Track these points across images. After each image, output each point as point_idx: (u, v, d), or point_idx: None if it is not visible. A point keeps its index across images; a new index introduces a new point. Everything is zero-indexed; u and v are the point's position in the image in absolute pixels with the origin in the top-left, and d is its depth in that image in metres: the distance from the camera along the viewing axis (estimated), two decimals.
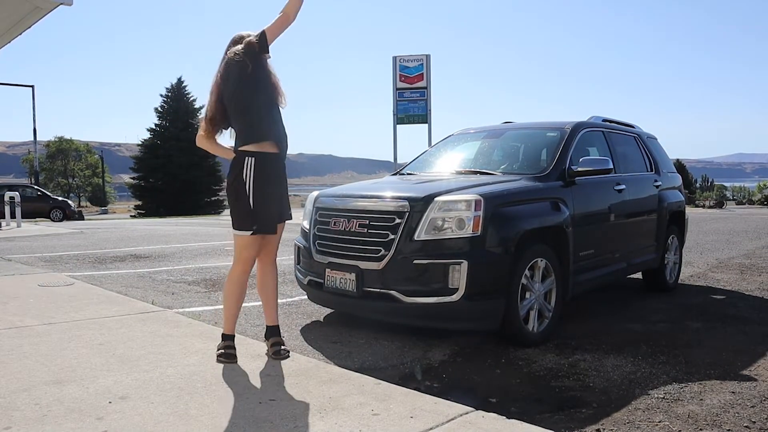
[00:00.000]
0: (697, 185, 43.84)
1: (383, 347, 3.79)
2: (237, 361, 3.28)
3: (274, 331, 3.48)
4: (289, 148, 3.57)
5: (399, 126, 20.35)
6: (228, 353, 3.31)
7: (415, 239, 3.70)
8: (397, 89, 20.24)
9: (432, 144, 6.25)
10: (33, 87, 38.07)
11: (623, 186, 5.11)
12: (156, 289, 5.69)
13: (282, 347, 3.42)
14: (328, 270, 4.01)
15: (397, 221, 3.76)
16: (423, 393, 2.86)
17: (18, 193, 15.62)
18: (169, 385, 2.88)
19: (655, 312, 4.90)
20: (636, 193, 5.39)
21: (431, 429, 2.41)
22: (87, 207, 44.08)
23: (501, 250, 3.69)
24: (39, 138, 39.85)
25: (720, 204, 27.78)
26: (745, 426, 2.65)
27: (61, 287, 5.56)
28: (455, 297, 3.56)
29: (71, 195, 51.06)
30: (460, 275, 3.55)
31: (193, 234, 12.83)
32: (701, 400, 2.96)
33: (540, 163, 4.72)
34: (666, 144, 6.79)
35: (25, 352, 3.43)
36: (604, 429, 2.62)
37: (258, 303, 4.90)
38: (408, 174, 5.19)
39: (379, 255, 3.75)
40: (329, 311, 4.71)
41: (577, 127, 4.93)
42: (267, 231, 3.29)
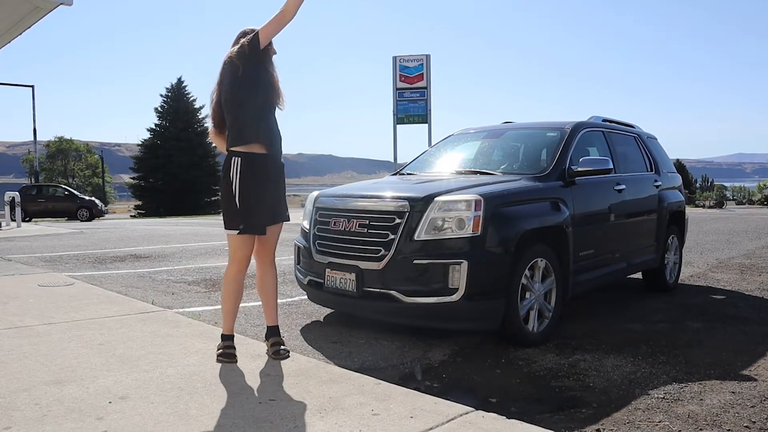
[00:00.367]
0: (697, 185, 43.83)
1: (383, 347, 3.79)
2: (237, 361, 3.27)
3: (273, 332, 3.48)
4: (289, 148, 3.59)
5: (399, 126, 20.36)
6: (227, 353, 3.31)
7: (415, 239, 3.70)
8: (397, 89, 20.25)
9: (432, 144, 6.25)
10: (33, 87, 38.06)
11: (623, 186, 5.11)
12: (156, 289, 5.69)
13: (282, 347, 3.42)
14: (328, 270, 4.01)
15: (397, 221, 3.76)
16: (423, 393, 2.86)
17: (18, 194, 15.63)
18: (169, 385, 2.88)
19: (655, 312, 4.90)
20: (636, 193, 5.39)
21: (431, 429, 2.41)
22: None
23: (501, 250, 3.69)
24: (39, 138, 39.82)
25: (720, 204, 27.78)
26: (745, 426, 2.65)
27: (61, 287, 5.56)
28: (455, 297, 3.56)
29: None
30: (460, 275, 3.55)
31: (193, 234, 12.83)
32: (701, 400, 2.96)
33: (540, 163, 4.72)
34: (666, 144, 6.79)
35: (25, 352, 3.43)
36: (604, 429, 2.62)
37: (258, 303, 4.90)
38: (408, 174, 5.19)
39: (379, 255, 3.75)
40: (329, 311, 4.71)
41: (577, 127, 4.93)
42: (254, 231, 3.27)
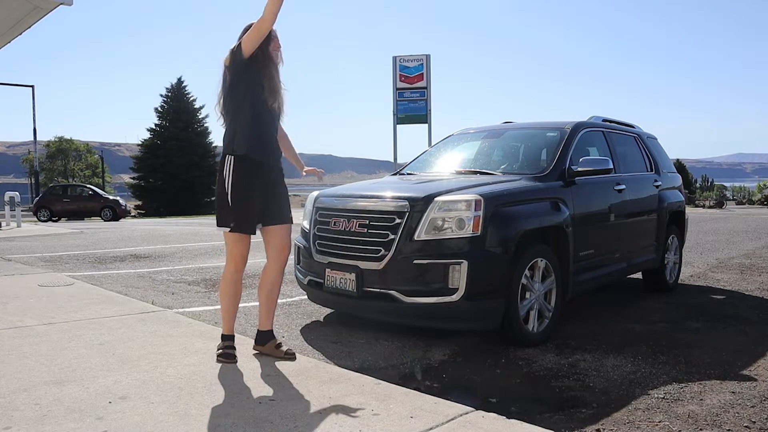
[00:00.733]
0: (697, 185, 43.80)
1: (383, 347, 3.79)
2: (237, 361, 3.27)
3: (271, 335, 3.46)
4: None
5: (399, 126, 20.35)
6: (227, 353, 3.30)
7: (415, 239, 3.70)
8: (397, 89, 20.24)
9: (432, 144, 6.25)
10: (33, 87, 38.05)
11: (623, 186, 5.11)
12: (156, 289, 5.69)
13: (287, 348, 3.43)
14: (328, 270, 4.01)
15: (397, 221, 3.76)
16: (423, 393, 2.86)
17: (18, 193, 15.63)
18: (169, 385, 2.88)
19: (655, 312, 4.90)
20: (636, 193, 5.39)
21: (431, 429, 2.41)
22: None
23: (501, 250, 3.69)
24: (39, 138, 39.80)
25: (720, 204, 27.78)
26: (745, 426, 2.65)
27: (61, 287, 5.56)
28: (455, 297, 3.56)
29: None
30: (460, 275, 3.55)
31: (193, 234, 12.83)
32: (701, 400, 2.96)
33: (540, 163, 4.72)
34: (666, 144, 6.79)
35: (25, 352, 3.43)
36: (604, 429, 2.62)
37: (257, 303, 4.90)
38: (408, 174, 5.19)
39: (379, 255, 3.75)
40: (329, 311, 4.71)
41: (577, 127, 4.93)
42: (243, 230, 3.24)
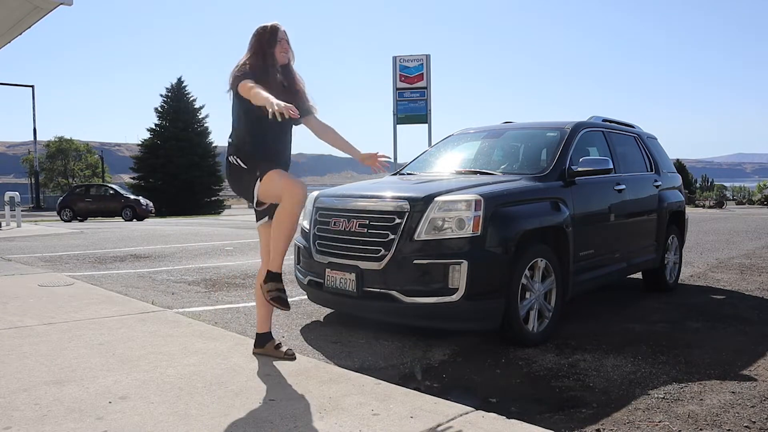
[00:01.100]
0: (697, 185, 43.79)
1: (383, 347, 3.79)
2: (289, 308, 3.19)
3: (270, 336, 3.46)
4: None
5: (399, 126, 20.36)
6: (281, 297, 3.11)
7: (415, 239, 3.70)
8: (397, 89, 20.25)
9: (432, 144, 6.25)
10: (33, 87, 38.11)
11: (623, 186, 5.11)
12: (156, 289, 5.69)
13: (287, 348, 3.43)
14: (328, 270, 4.01)
15: (397, 221, 3.76)
16: (423, 393, 2.86)
17: (18, 193, 15.62)
18: (169, 385, 2.89)
19: (655, 312, 4.90)
20: (636, 193, 5.39)
21: (431, 429, 2.41)
22: None
23: (501, 250, 3.69)
24: (39, 138, 39.81)
25: (720, 204, 27.79)
26: (745, 426, 2.65)
27: (61, 287, 5.56)
28: (455, 297, 3.56)
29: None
30: (460, 275, 3.55)
31: (193, 234, 12.83)
32: (701, 400, 2.96)
33: (540, 163, 4.72)
34: (666, 144, 6.79)
35: (25, 352, 3.43)
36: (604, 429, 2.62)
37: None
38: (408, 174, 5.19)
39: (379, 255, 3.75)
40: (329, 311, 4.71)
41: (577, 127, 4.93)
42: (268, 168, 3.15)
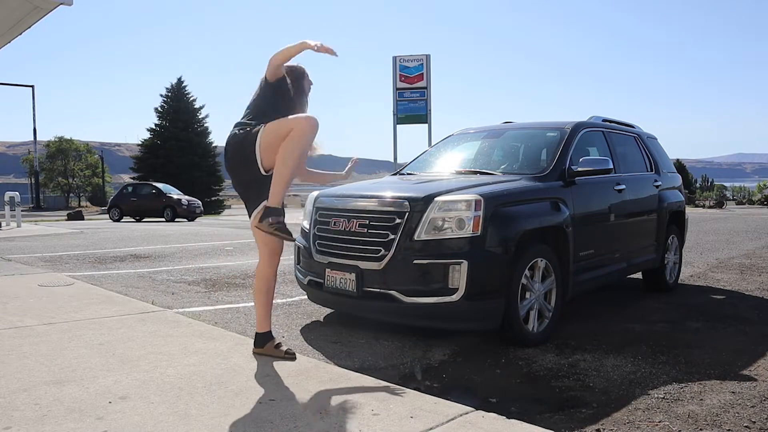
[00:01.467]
0: (697, 185, 43.82)
1: (383, 347, 3.79)
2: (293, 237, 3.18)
3: (269, 335, 3.45)
4: None
5: (399, 126, 20.36)
6: (282, 228, 3.07)
7: (415, 239, 3.70)
8: (397, 89, 20.24)
9: (432, 144, 6.25)
10: (33, 87, 38.13)
11: (623, 186, 5.11)
12: (156, 289, 5.69)
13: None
14: (328, 270, 4.01)
15: (397, 221, 3.76)
16: (423, 393, 2.86)
17: (18, 193, 15.63)
18: (169, 385, 2.88)
19: (655, 312, 4.90)
20: (636, 193, 5.39)
21: (431, 429, 2.41)
22: (87, 207, 43.98)
23: (501, 250, 3.69)
24: (39, 138, 39.82)
25: (720, 204, 27.81)
26: (745, 426, 2.65)
27: (61, 287, 5.56)
28: (455, 297, 3.56)
29: (71, 195, 50.89)
30: (460, 275, 3.55)
31: (193, 234, 12.84)
32: (701, 400, 2.96)
33: (540, 163, 4.72)
34: (666, 144, 6.79)
35: (25, 352, 3.43)
36: (604, 429, 2.62)
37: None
38: (408, 174, 5.19)
39: (379, 255, 3.75)
40: (329, 311, 4.71)
41: (577, 127, 4.93)
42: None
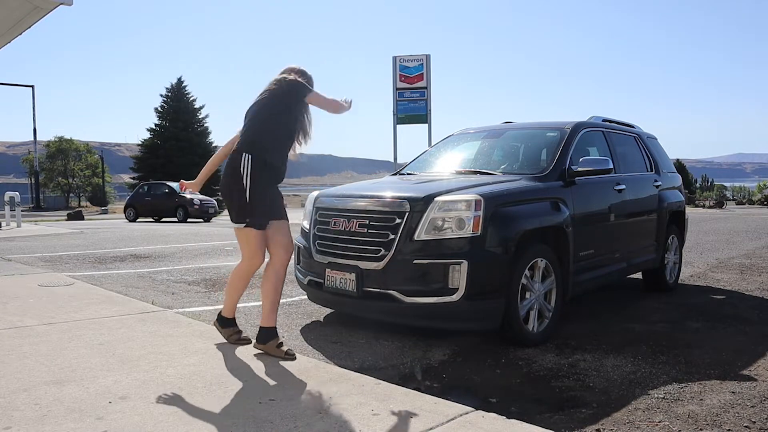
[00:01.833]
0: (697, 185, 43.81)
1: (383, 347, 3.79)
2: (251, 342, 3.55)
3: (274, 333, 3.47)
4: None
5: (399, 126, 20.35)
6: (242, 338, 3.62)
7: (415, 239, 3.70)
8: (397, 89, 20.24)
9: (432, 144, 6.25)
10: (33, 87, 38.13)
11: (623, 186, 5.11)
12: (156, 289, 5.69)
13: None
14: (328, 270, 4.01)
15: (397, 221, 3.76)
16: (423, 393, 2.86)
17: (18, 193, 15.61)
18: (169, 385, 2.88)
19: (655, 312, 4.90)
20: (636, 193, 5.39)
21: (431, 429, 2.41)
22: (87, 207, 43.96)
23: (501, 250, 3.69)
24: (39, 138, 39.81)
25: (720, 204, 27.81)
26: (745, 426, 2.65)
27: (61, 287, 5.56)
28: (455, 297, 3.56)
29: (71, 195, 50.87)
30: (460, 275, 3.55)
31: (193, 234, 12.84)
32: (701, 400, 2.96)
33: (540, 163, 4.72)
34: (666, 144, 6.79)
35: (25, 352, 3.43)
36: (604, 429, 2.62)
37: (259, 303, 4.90)
38: (408, 174, 5.19)
39: (379, 255, 3.75)
40: (329, 311, 4.71)
41: (577, 127, 4.93)
42: (262, 226, 3.40)
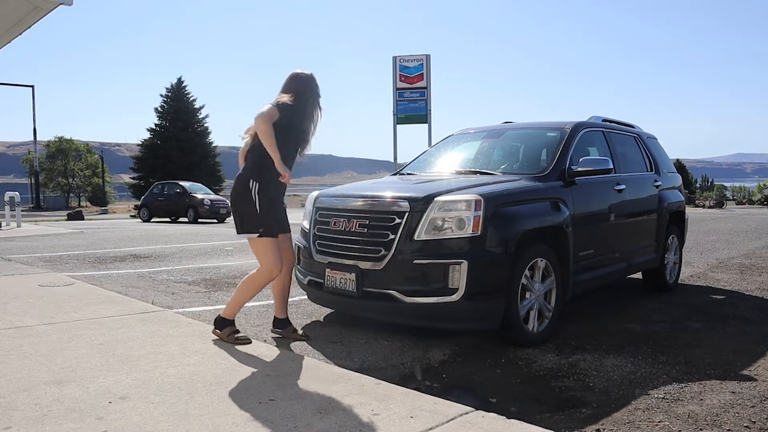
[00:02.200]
0: (697, 185, 43.81)
1: (383, 347, 3.79)
2: (251, 342, 3.69)
3: (288, 322, 3.97)
4: None
5: (399, 126, 20.37)
6: (240, 338, 3.71)
7: (415, 239, 3.69)
8: (397, 89, 20.26)
9: (432, 144, 6.25)
10: (33, 87, 38.15)
11: (623, 186, 5.11)
12: (156, 289, 5.69)
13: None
14: (328, 270, 4.01)
15: (397, 221, 3.76)
16: (423, 393, 2.86)
17: (18, 193, 15.60)
18: (169, 385, 2.89)
19: (655, 312, 4.90)
20: (636, 193, 5.38)
21: (431, 429, 2.41)
22: (87, 207, 43.94)
23: (501, 250, 3.69)
24: (39, 138, 39.82)
25: (720, 204, 27.80)
26: (745, 426, 2.65)
27: (61, 287, 5.56)
28: (455, 297, 3.56)
29: (71, 195, 50.88)
30: (460, 275, 3.55)
31: (193, 234, 12.84)
32: (701, 400, 2.96)
33: (540, 163, 4.72)
34: (666, 144, 6.79)
35: (25, 352, 3.43)
36: (604, 429, 2.62)
37: (258, 303, 4.91)
38: (408, 174, 5.19)
39: (379, 255, 3.75)
40: (329, 311, 4.71)
41: (577, 127, 4.93)
42: (274, 234, 3.68)
